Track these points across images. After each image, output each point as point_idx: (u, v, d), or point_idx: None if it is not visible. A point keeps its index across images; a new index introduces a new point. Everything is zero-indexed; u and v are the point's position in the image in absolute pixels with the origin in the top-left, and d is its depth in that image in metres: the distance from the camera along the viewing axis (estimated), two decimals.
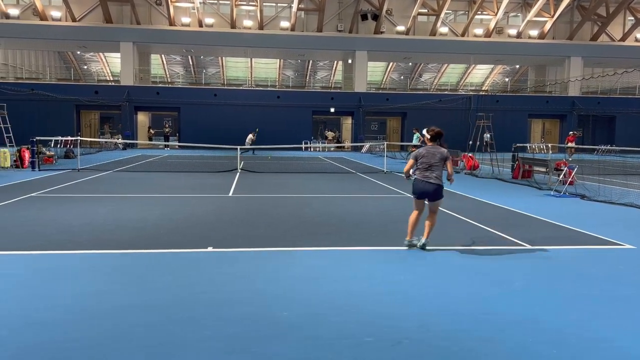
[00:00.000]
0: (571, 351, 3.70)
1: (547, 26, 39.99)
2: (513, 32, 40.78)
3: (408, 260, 6.13)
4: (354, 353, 3.60)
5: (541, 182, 14.85)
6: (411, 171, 6.82)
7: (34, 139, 17.53)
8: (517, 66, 54.74)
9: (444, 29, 40.15)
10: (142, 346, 3.65)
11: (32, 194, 11.33)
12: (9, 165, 17.61)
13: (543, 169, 15.73)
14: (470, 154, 19.71)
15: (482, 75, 60.52)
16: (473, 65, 54.36)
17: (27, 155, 17.81)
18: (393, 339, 3.83)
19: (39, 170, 17.10)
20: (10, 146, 18.54)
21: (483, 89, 57.12)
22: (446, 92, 45.46)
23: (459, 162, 20.94)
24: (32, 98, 31.15)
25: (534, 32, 40.61)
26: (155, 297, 4.70)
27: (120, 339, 3.78)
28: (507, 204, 10.99)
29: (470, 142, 20.46)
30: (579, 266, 6.08)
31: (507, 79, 57.74)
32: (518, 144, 18.67)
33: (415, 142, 24.11)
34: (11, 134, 18.99)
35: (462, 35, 40.23)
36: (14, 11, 35.83)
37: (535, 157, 19.95)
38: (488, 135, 20.65)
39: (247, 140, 29.36)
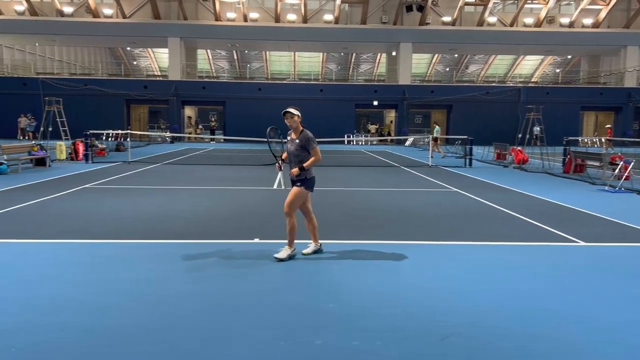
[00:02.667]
0: (627, 350, 3.57)
1: (602, 14, 38.31)
2: (565, 21, 39.29)
3: (457, 255, 6.05)
4: (401, 346, 3.60)
5: (594, 177, 14.31)
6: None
7: (88, 133, 18.26)
8: (569, 57, 52.76)
9: (492, 19, 39.09)
10: (196, 333, 3.77)
11: (86, 185, 11.81)
12: (65, 158, 18.41)
13: (597, 163, 15.15)
14: (519, 148, 19.19)
15: (532, 67, 58.70)
16: (522, 56, 52.77)
17: (81, 148, 18.57)
18: (442, 334, 3.80)
19: (92, 162, 17.80)
20: (65, 139, 19.33)
21: (532, 80, 55.38)
22: (494, 84, 44.30)
23: (507, 155, 20.43)
24: (85, 93, 32.34)
25: (588, 21, 39.00)
26: (207, 285, 4.83)
27: (176, 325, 3.92)
28: (558, 199, 10.66)
29: (520, 136, 19.92)
30: (635, 264, 5.84)
31: (558, 70, 55.77)
32: (570, 137, 18.03)
33: (436, 135, 24.40)
34: (67, 128, 19.79)
35: (511, 25, 39.08)
36: (68, 9, 37.28)
37: (588, 151, 19.23)
38: (538, 129, 20.06)
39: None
